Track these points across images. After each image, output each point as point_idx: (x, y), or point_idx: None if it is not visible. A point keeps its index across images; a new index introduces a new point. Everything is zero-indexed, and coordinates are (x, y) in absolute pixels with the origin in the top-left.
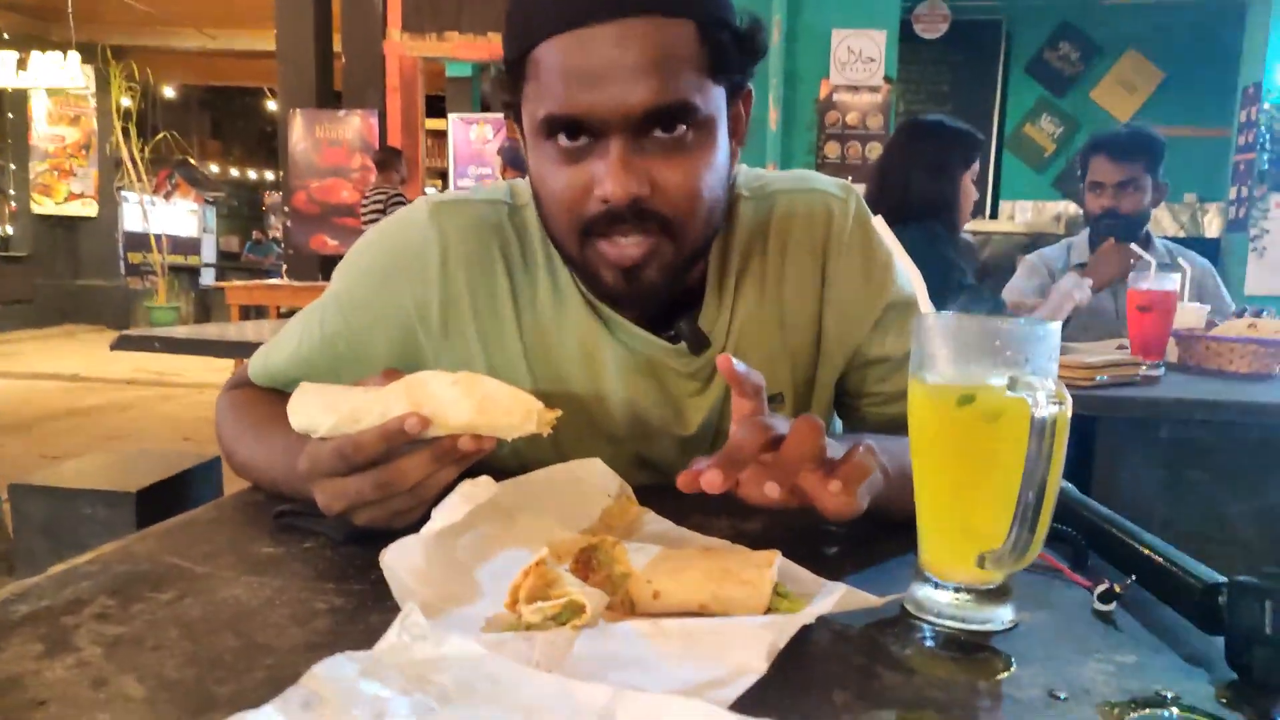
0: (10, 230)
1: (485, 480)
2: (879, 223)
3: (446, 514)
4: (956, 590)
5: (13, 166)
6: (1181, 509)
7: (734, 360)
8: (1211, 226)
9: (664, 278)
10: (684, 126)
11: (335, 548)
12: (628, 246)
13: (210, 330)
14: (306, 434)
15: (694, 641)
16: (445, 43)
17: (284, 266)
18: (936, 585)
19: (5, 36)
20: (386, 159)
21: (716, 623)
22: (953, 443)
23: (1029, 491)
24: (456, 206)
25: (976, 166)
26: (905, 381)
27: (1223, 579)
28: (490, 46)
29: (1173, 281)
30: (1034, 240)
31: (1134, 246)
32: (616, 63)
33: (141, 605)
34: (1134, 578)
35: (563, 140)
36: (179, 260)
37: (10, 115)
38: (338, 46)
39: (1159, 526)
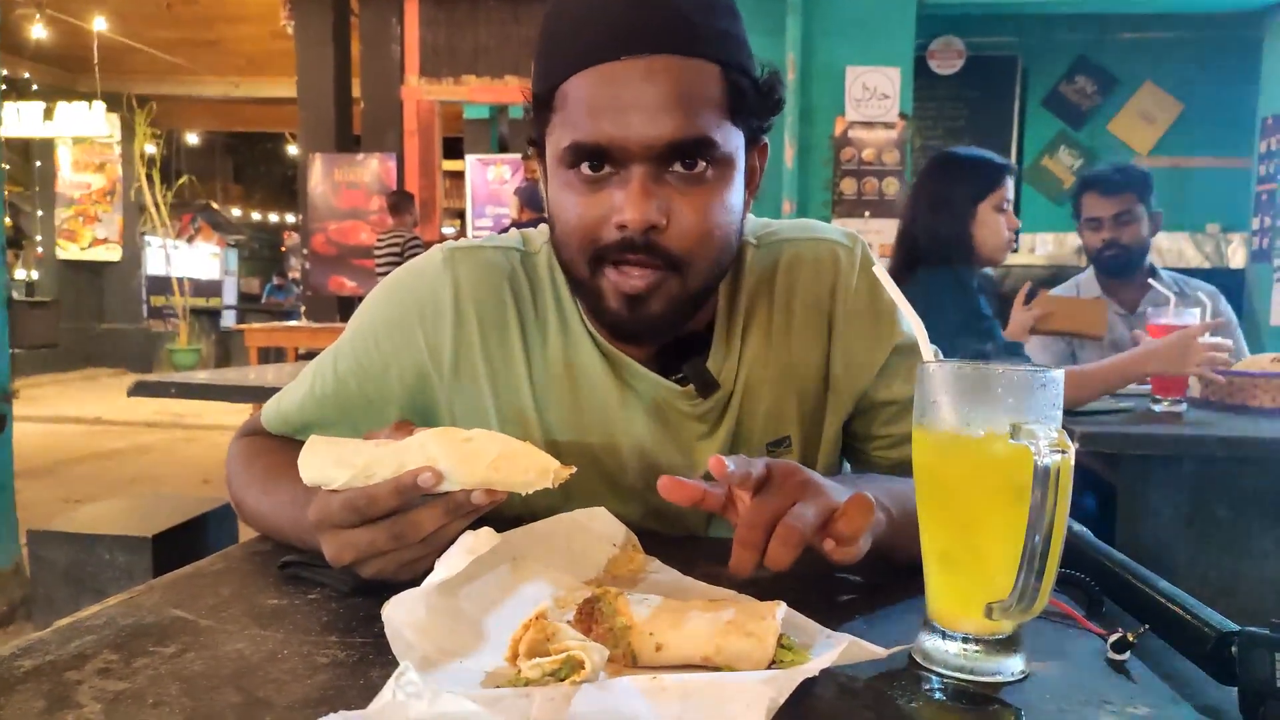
0: (35, 275)
1: (487, 532)
2: (881, 271)
3: (448, 566)
4: (965, 640)
5: (39, 213)
6: (1207, 547)
7: (723, 460)
8: (1236, 257)
9: (667, 310)
10: (703, 162)
11: (340, 599)
12: (635, 276)
13: (227, 375)
14: (317, 487)
15: (693, 698)
16: (462, 86)
17: (302, 308)
18: (945, 635)
19: (34, 87)
20: (399, 202)
21: (716, 678)
22: (956, 492)
23: (1034, 540)
24: (470, 253)
25: (1001, 194)
26: (911, 425)
27: (1236, 628)
28: (506, 90)
29: (1193, 315)
30: (1055, 273)
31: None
32: (643, 96)
33: (145, 660)
34: (1147, 626)
35: (585, 169)
36: (200, 303)
37: (38, 163)
38: (357, 92)
39: (1184, 565)
